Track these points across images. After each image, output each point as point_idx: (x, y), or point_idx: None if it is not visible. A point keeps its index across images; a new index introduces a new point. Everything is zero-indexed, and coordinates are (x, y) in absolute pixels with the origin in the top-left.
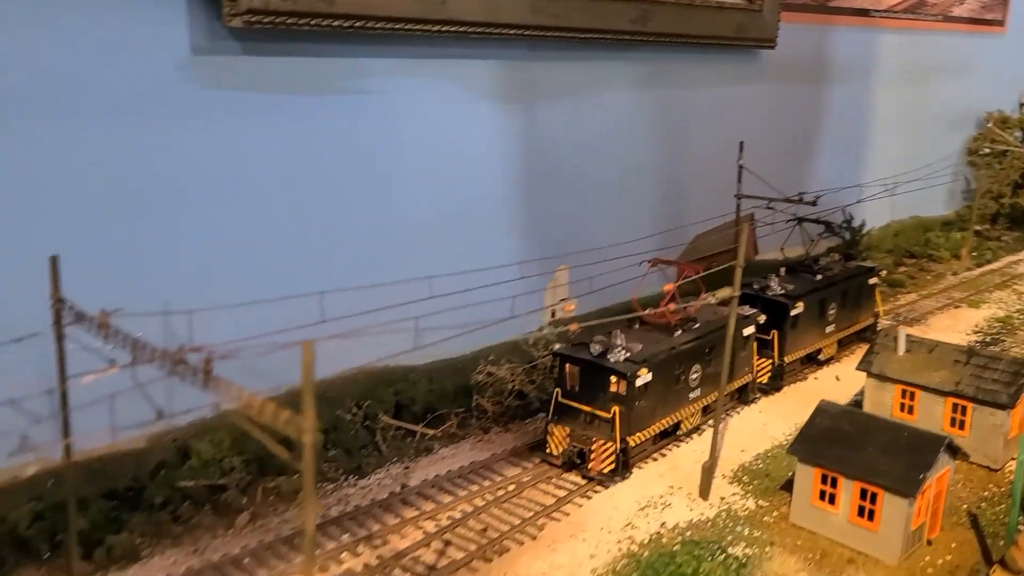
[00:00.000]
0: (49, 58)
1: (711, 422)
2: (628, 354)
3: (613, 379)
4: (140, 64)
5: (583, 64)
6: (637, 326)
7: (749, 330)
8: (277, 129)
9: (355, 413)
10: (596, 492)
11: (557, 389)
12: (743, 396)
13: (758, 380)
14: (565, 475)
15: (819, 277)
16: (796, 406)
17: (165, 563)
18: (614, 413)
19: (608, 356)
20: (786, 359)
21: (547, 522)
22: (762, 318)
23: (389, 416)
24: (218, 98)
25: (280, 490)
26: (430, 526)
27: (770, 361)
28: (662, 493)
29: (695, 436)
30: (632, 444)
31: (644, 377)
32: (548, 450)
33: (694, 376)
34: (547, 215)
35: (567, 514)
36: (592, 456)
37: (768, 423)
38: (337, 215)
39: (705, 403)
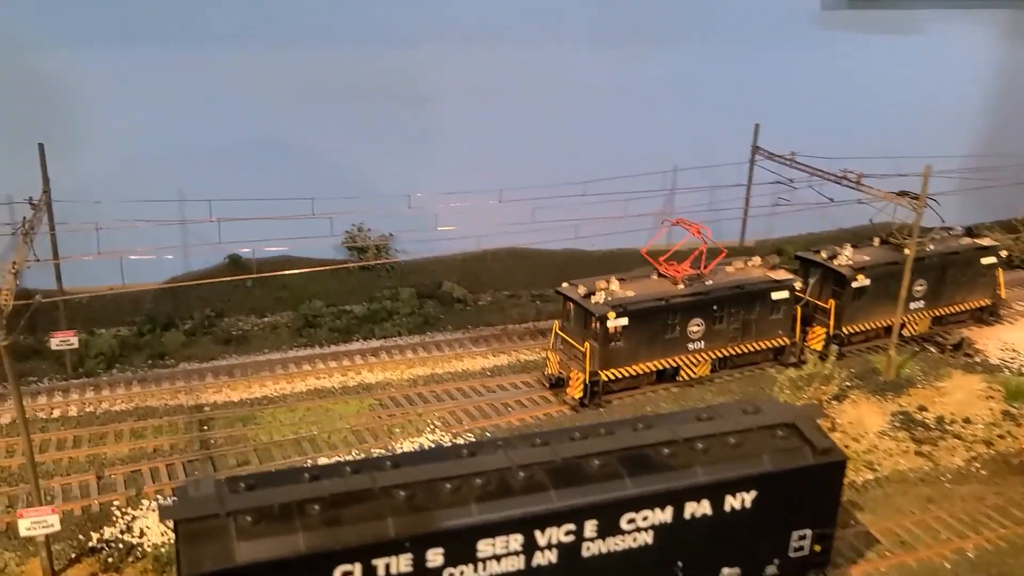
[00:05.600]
0: None
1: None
2: (609, 298)
3: (592, 318)
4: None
5: None
6: (655, 276)
7: (780, 295)
8: (875, 57)
9: None
10: None
11: (556, 321)
12: (781, 357)
13: (812, 346)
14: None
15: (907, 251)
16: None
17: None
18: (586, 349)
19: (590, 298)
20: (844, 329)
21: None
22: (798, 284)
23: None
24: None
25: None
26: None
27: (824, 330)
28: None
29: None
30: (604, 378)
31: (615, 320)
32: (546, 371)
33: (694, 328)
34: None
35: None
36: (569, 383)
37: None
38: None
39: (714, 355)
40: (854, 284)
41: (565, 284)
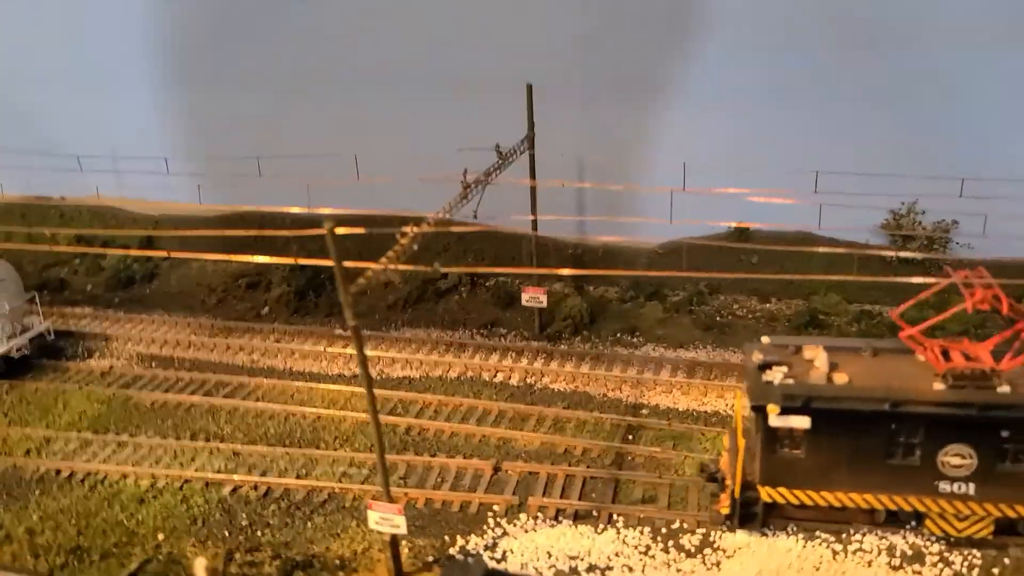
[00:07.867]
0: None
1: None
2: (790, 380)
3: (751, 405)
4: None
5: None
6: (917, 357)
7: None
8: None
9: None
10: None
11: (737, 389)
12: None
13: None
14: None
15: None
16: None
17: None
18: (741, 446)
19: (765, 371)
20: None
21: None
22: None
23: None
24: None
25: None
26: None
27: None
28: None
29: None
30: (766, 499)
31: (782, 417)
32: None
33: (953, 460)
34: None
35: None
36: (725, 488)
37: None
38: None
39: (994, 511)
40: None
41: (765, 338)
